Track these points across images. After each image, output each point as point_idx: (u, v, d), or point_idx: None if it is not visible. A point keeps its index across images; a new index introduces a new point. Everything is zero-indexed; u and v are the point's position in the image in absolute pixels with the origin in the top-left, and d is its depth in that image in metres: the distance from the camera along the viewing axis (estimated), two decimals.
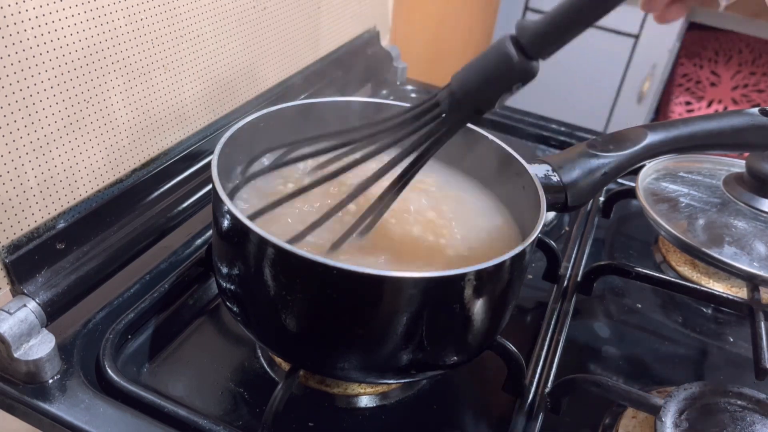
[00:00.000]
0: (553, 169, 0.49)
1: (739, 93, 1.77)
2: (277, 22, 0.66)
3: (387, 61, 0.89)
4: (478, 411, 0.48)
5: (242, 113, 0.63)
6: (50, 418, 0.41)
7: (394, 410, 0.47)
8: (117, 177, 0.50)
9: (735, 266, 0.55)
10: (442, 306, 0.39)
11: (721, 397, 0.45)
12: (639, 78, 1.69)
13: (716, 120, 0.52)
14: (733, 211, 0.61)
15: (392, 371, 0.42)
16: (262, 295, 0.40)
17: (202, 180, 0.58)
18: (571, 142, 0.82)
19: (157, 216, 0.52)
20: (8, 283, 0.42)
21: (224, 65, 0.60)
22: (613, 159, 0.50)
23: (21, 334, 0.41)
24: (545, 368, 0.50)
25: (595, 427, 0.47)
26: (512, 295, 0.44)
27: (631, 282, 0.60)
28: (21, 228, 0.43)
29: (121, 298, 0.49)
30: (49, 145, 0.44)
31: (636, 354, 0.55)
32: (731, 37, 1.74)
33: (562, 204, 0.49)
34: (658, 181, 0.66)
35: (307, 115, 0.53)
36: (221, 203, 0.40)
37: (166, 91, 0.53)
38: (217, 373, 0.48)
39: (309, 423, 0.45)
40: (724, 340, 0.58)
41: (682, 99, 1.80)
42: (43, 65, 0.42)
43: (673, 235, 0.58)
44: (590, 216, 0.69)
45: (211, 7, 0.56)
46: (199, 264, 0.53)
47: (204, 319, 0.52)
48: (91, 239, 0.48)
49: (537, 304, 0.58)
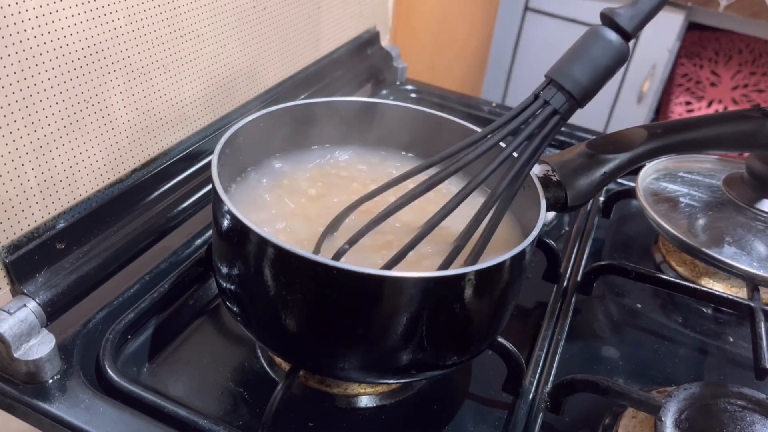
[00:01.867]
0: (553, 169, 0.49)
1: (739, 93, 1.77)
2: (277, 22, 0.66)
3: (387, 61, 0.89)
4: (478, 411, 0.48)
5: (242, 113, 0.63)
6: (50, 418, 0.41)
7: (394, 410, 0.47)
8: (117, 177, 0.50)
9: (735, 266, 0.55)
10: (442, 306, 0.39)
11: (721, 397, 0.45)
12: (639, 78, 1.69)
13: (716, 120, 0.53)
14: (733, 211, 0.61)
15: (392, 371, 0.42)
16: (262, 295, 0.40)
17: (202, 180, 0.58)
18: (571, 142, 0.82)
19: (157, 216, 0.52)
20: (8, 283, 0.42)
21: (224, 65, 0.60)
22: (613, 159, 0.50)
23: (21, 334, 0.41)
24: (545, 368, 0.50)
25: (595, 427, 0.47)
26: (512, 295, 0.44)
27: (631, 282, 0.60)
28: (21, 228, 0.43)
29: (121, 298, 0.49)
30: (49, 145, 0.44)
31: (636, 354, 0.55)
32: (731, 37, 1.74)
33: (562, 204, 0.49)
34: (658, 181, 0.66)
35: (307, 115, 0.53)
36: (221, 203, 0.40)
37: (166, 91, 0.53)
38: (217, 373, 0.48)
39: (309, 423, 0.45)
40: (724, 340, 0.58)
41: (682, 99, 1.80)
42: (43, 65, 0.42)
43: (673, 235, 0.58)
44: (590, 216, 0.69)
45: (210, 7, 0.56)
46: (199, 264, 0.53)
47: (204, 319, 0.52)
48: (91, 239, 0.47)
49: (537, 304, 0.58)
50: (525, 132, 0.40)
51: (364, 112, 0.54)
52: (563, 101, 0.40)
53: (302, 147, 0.54)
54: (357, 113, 0.54)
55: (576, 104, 0.40)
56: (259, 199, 0.49)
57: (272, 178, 0.51)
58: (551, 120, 0.40)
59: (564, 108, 0.40)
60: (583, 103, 0.40)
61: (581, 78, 0.40)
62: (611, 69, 0.40)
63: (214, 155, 0.43)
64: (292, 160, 0.53)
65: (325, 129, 0.54)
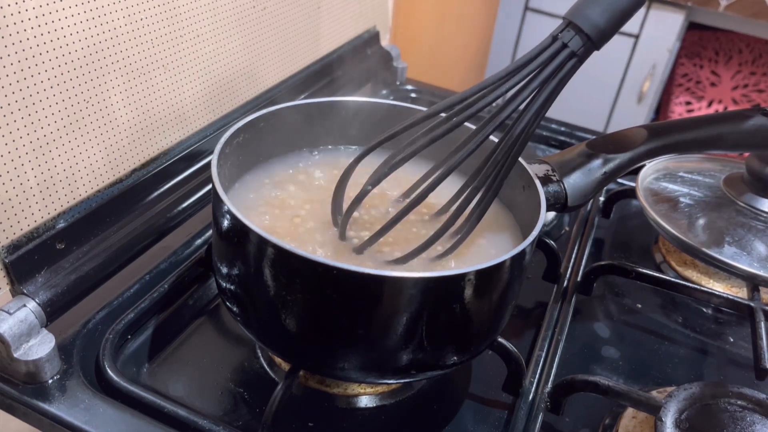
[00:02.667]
0: (553, 169, 0.49)
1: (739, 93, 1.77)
2: (277, 22, 0.66)
3: (387, 61, 0.89)
4: (478, 411, 0.48)
5: (242, 113, 0.63)
6: (50, 418, 0.41)
7: (394, 410, 0.47)
8: (117, 177, 0.50)
9: (735, 266, 0.55)
10: (442, 306, 0.39)
11: (721, 397, 0.45)
12: (639, 78, 1.69)
13: (716, 120, 0.53)
14: (733, 211, 0.61)
15: (392, 371, 0.42)
16: (262, 295, 0.40)
17: (202, 180, 0.58)
18: (571, 142, 0.82)
19: (157, 216, 0.52)
20: (8, 283, 0.42)
21: (224, 65, 0.60)
22: (613, 159, 0.50)
23: (21, 334, 0.41)
24: (545, 368, 0.50)
25: (595, 427, 0.47)
26: (512, 295, 0.44)
27: (631, 282, 0.60)
28: (21, 228, 0.43)
29: (121, 298, 0.49)
30: (49, 145, 0.43)
31: (636, 354, 0.55)
32: (731, 37, 1.74)
33: (562, 204, 0.48)
34: (658, 181, 0.66)
35: (307, 115, 0.53)
36: (221, 203, 0.40)
37: (166, 91, 0.53)
38: (217, 373, 0.48)
39: (309, 423, 0.45)
40: (724, 340, 0.58)
41: (682, 99, 1.80)
42: (43, 65, 0.42)
43: (673, 235, 0.58)
44: (590, 216, 0.69)
45: (210, 7, 0.56)
46: (199, 264, 0.53)
47: (204, 319, 0.52)
48: (91, 239, 0.47)
49: (537, 304, 0.58)
50: (543, 74, 0.39)
51: (364, 112, 0.54)
52: (581, 44, 0.39)
53: (302, 147, 0.54)
54: (357, 113, 0.54)
55: (593, 47, 0.40)
56: (260, 198, 0.49)
57: (272, 178, 0.51)
58: (568, 63, 0.40)
59: (582, 51, 0.39)
60: (599, 45, 0.40)
61: (599, 20, 0.39)
62: (629, 11, 0.39)
63: (214, 155, 0.43)
64: (292, 160, 0.53)
65: (326, 129, 0.54)
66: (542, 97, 0.40)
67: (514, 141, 0.40)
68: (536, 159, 0.50)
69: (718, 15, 1.58)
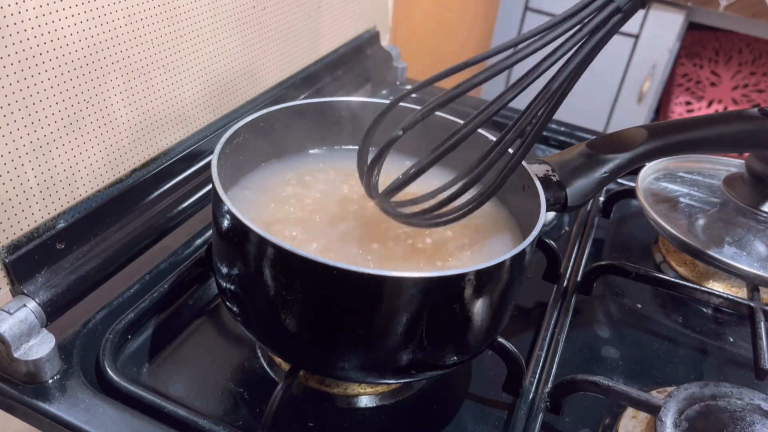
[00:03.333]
0: (553, 169, 0.49)
1: (739, 93, 1.77)
2: (277, 22, 0.66)
3: (387, 61, 0.89)
4: (478, 411, 0.48)
5: (242, 113, 0.63)
6: (50, 418, 0.41)
7: (394, 410, 0.47)
8: (117, 177, 0.50)
9: (735, 266, 0.55)
10: (442, 306, 0.39)
11: (721, 397, 0.45)
12: (639, 78, 1.69)
13: (716, 120, 0.52)
14: (733, 211, 0.61)
15: (392, 371, 0.42)
16: (262, 295, 0.40)
17: (202, 180, 0.58)
18: (571, 142, 0.82)
19: (157, 216, 0.52)
20: (8, 283, 0.42)
21: (224, 65, 0.60)
22: (613, 159, 0.50)
23: (21, 334, 0.41)
24: (545, 368, 0.50)
25: (595, 427, 0.47)
26: (512, 295, 0.44)
27: (631, 282, 0.60)
28: (21, 228, 0.43)
29: (121, 298, 0.49)
30: (49, 145, 0.44)
31: (636, 354, 0.55)
32: (731, 37, 1.74)
33: (562, 204, 0.48)
34: (658, 181, 0.66)
35: (307, 116, 0.53)
36: (221, 203, 0.40)
37: (166, 91, 0.53)
38: (217, 373, 0.48)
39: (309, 423, 0.45)
40: (724, 340, 0.58)
41: (682, 99, 1.80)
42: (43, 65, 0.42)
43: (673, 235, 0.58)
44: (590, 216, 0.69)
45: (210, 8, 0.56)
46: (199, 264, 0.53)
47: (204, 319, 0.52)
48: (91, 239, 0.48)
49: (537, 304, 0.58)
50: (588, 27, 0.38)
51: (364, 112, 0.54)
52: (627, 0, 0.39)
53: (302, 147, 0.54)
54: (357, 113, 0.54)
55: (640, 4, 0.39)
56: (260, 198, 0.49)
57: (272, 178, 0.51)
58: (613, 18, 0.39)
59: (628, 6, 0.39)
60: (645, 2, 0.39)
61: None
62: None
63: (214, 155, 0.43)
64: (292, 160, 0.53)
65: (326, 129, 0.54)
66: (584, 52, 0.39)
67: (552, 95, 0.39)
68: (536, 159, 0.50)
69: (718, 15, 1.58)
